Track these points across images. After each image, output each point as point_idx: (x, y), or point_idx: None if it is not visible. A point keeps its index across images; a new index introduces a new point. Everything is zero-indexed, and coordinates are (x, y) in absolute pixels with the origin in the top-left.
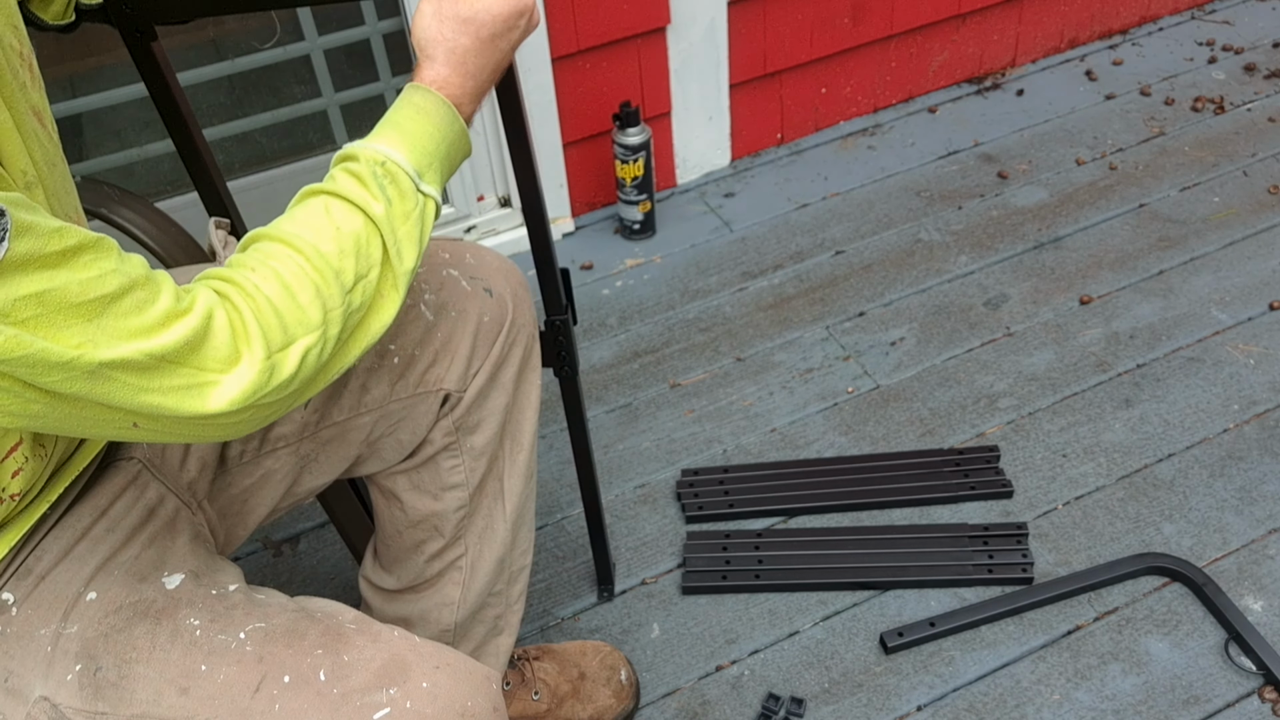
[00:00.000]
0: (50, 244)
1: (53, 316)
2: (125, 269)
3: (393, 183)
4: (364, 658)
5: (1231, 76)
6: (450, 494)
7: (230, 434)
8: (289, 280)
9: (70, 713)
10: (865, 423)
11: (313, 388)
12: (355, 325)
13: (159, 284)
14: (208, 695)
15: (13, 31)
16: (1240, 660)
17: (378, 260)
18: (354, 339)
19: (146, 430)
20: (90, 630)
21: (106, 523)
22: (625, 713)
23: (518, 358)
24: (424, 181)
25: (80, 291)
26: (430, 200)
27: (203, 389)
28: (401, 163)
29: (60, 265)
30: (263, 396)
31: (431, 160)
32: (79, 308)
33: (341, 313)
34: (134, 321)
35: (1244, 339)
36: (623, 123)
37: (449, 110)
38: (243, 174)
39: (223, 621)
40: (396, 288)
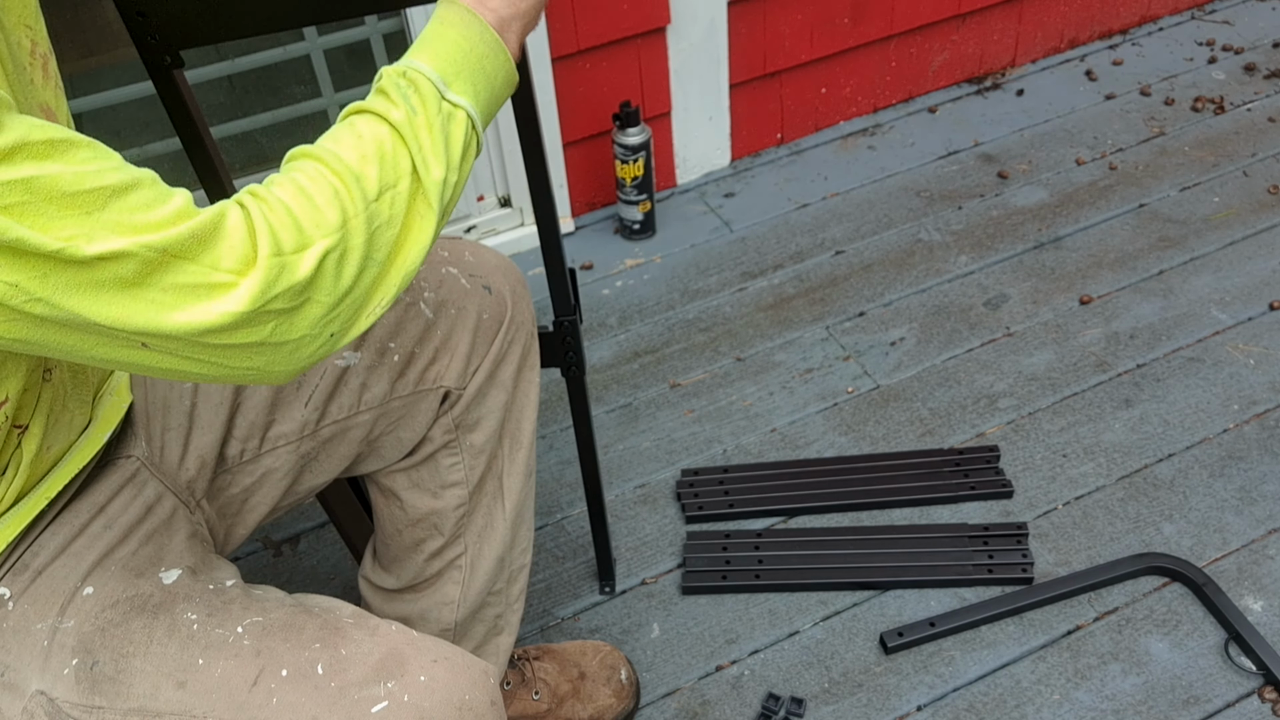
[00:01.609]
0: (34, 134)
1: (42, 205)
2: (130, 170)
3: (415, 90)
4: (361, 651)
5: (1231, 76)
6: (450, 492)
7: (253, 361)
8: (305, 184)
9: (67, 707)
10: (865, 423)
11: (349, 311)
12: (393, 244)
13: (172, 191)
14: (205, 689)
15: (24, 30)
16: (1240, 660)
17: (406, 171)
18: (395, 259)
19: (159, 350)
20: (87, 625)
21: (104, 519)
22: (625, 712)
23: (517, 355)
24: (450, 90)
25: (75, 181)
26: (460, 110)
27: (212, 290)
28: (423, 69)
29: (49, 155)
30: (272, 299)
31: (459, 69)
32: (74, 198)
33: (365, 220)
34: (139, 217)
35: (1244, 339)
36: (623, 123)
37: (474, 18)
38: (243, 174)
39: (220, 616)
40: (430, 206)
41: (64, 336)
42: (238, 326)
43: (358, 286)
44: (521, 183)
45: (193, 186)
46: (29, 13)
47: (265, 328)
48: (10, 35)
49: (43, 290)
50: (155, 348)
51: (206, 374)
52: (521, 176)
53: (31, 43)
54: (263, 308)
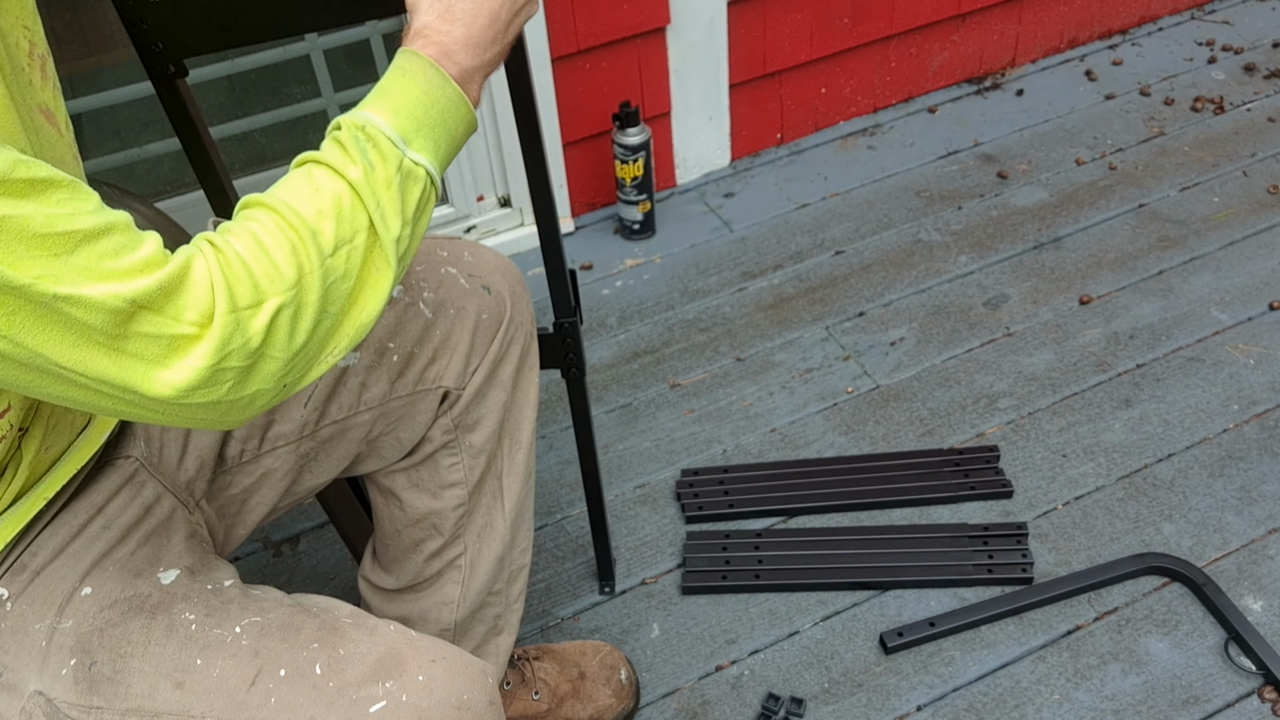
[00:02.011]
0: (16, 171)
1: (12, 244)
2: (105, 214)
3: (374, 147)
4: (360, 651)
5: (1231, 76)
6: (449, 492)
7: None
8: (262, 237)
9: (65, 707)
10: (865, 423)
11: (301, 367)
12: (347, 298)
13: (143, 236)
14: (203, 689)
15: (23, 31)
16: (1240, 660)
17: (363, 227)
18: (346, 317)
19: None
20: (85, 625)
21: (102, 520)
22: (625, 712)
23: (516, 355)
24: (410, 148)
25: (47, 223)
26: (419, 167)
27: (174, 343)
28: (382, 127)
29: (27, 195)
30: (227, 356)
31: (419, 125)
32: (44, 240)
33: (320, 276)
34: (107, 264)
35: (1244, 339)
36: (622, 123)
37: (436, 72)
38: (243, 174)
39: (218, 616)
40: (387, 262)
41: (26, 376)
42: (196, 387)
43: (312, 341)
44: (521, 183)
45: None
46: (27, 13)
47: (222, 387)
48: (8, 36)
49: (7, 327)
50: (114, 397)
51: (163, 421)
52: (521, 176)
53: (30, 43)
54: (219, 365)
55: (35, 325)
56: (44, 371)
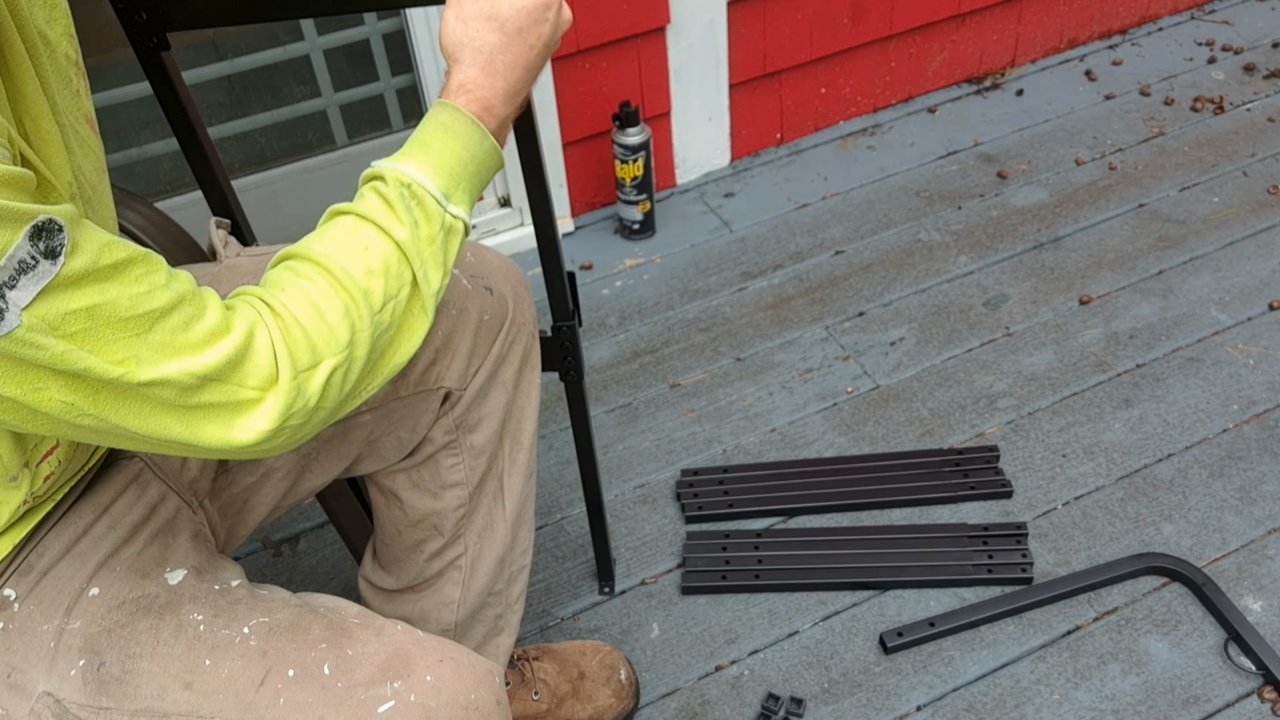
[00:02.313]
0: (103, 258)
1: (101, 330)
2: (173, 285)
3: (419, 205)
4: (368, 651)
5: (1231, 76)
6: (450, 492)
7: (258, 455)
8: (318, 301)
9: (74, 708)
10: (865, 423)
11: (341, 409)
12: (384, 346)
13: (205, 300)
14: (212, 689)
15: (69, 40)
16: (1240, 660)
17: (408, 282)
18: (382, 360)
19: (178, 453)
20: (93, 626)
21: (108, 520)
22: (625, 712)
23: (518, 356)
24: (451, 203)
25: (130, 306)
26: (458, 221)
27: (239, 408)
28: (427, 185)
29: (112, 279)
30: (290, 417)
31: (459, 181)
32: (127, 322)
33: (370, 334)
34: (180, 338)
35: (1243, 339)
36: (622, 123)
37: (476, 128)
38: (242, 174)
39: (226, 616)
40: (425, 310)
41: (98, 438)
42: (259, 444)
43: (356, 391)
44: (521, 182)
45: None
46: (69, 21)
47: (280, 439)
48: (57, 48)
49: (95, 408)
50: (178, 448)
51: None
52: (521, 176)
53: (76, 51)
54: (282, 425)
55: (119, 405)
56: (116, 435)
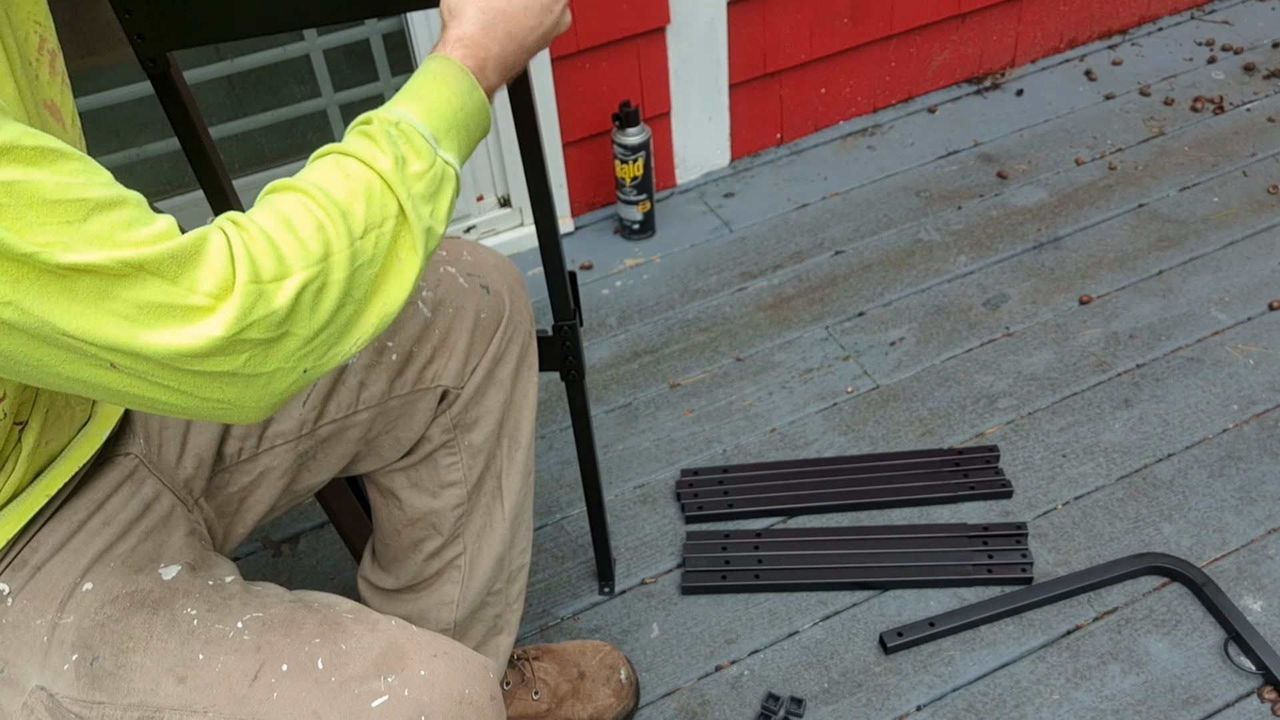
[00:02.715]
0: (25, 140)
1: (22, 209)
2: (118, 188)
3: (406, 141)
4: (362, 646)
5: (1231, 76)
6: (448, 492)
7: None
8: (288, 214)
9: (67, 702)
10: (865, 423)
11: (327, 348)
12: (372, 283)
13: (156, 214)
14: (205, 684)
15: (34, 26)
16: (1240, 660)
17: (393, 214)
18: (372, 299)
19: (127, 373)
20: (87, 620)
21: (103, 516)
22: (625, 712)
23: (515, 354)
24: (441, 147)
25: (58, 190)
26: (449, 166)
27: (188, 313)
28: (416, 125)
29: (37, 163)
30: (248, 327)
31: (449, 127)
32: (55, 206)
33: (348, 256)
34: (119, 234)
35: (1243, 339)
36: (622, 123)
37: (468, 79)
38: (243, 174)
39: (220, 611)
40: (415, 249)
41: (31, 348)
42: (212, 353)
43: (334, 322)
44: (521, 183)
45: (192, 187)
46: (39, 9)
47: (239, 357)
48: (18, 30)
49: (13, 294)
50: (124, 369)
51: (174, 403)
52: (521, 176)
53: (40, 39)
54: (238, 335)
55: (42, 292)
56: (52, 343)
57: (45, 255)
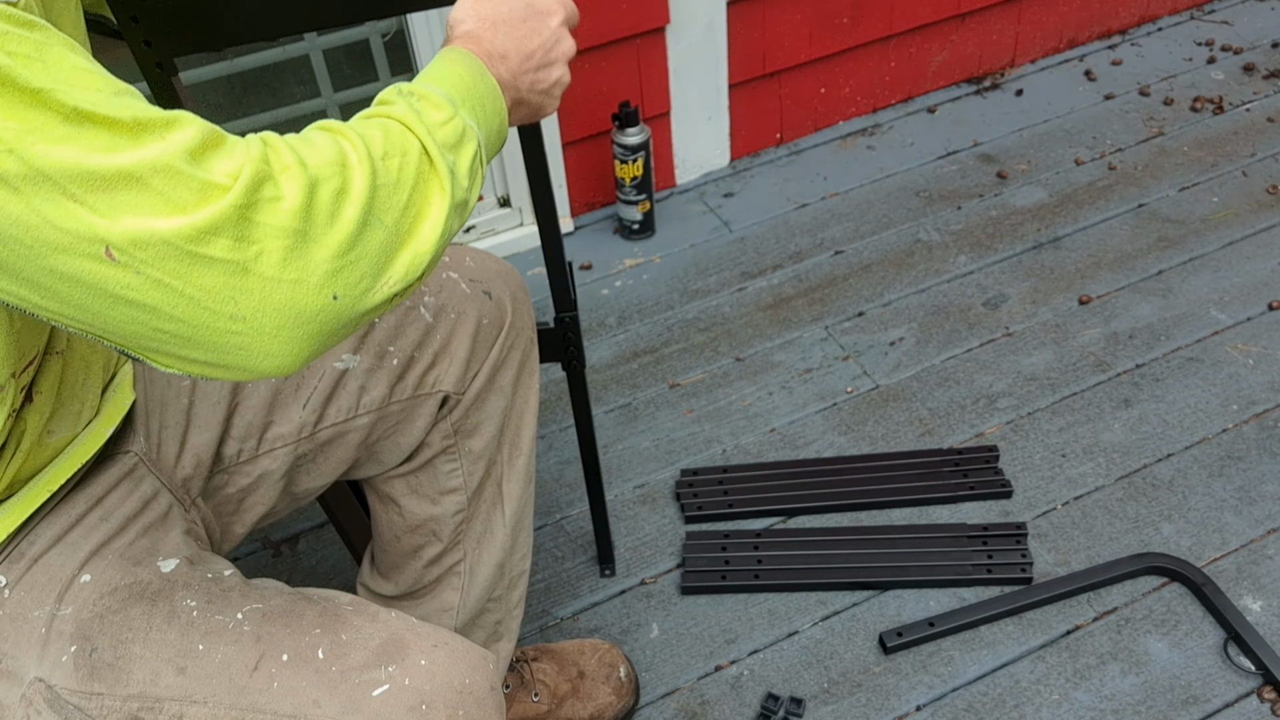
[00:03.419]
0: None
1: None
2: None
3: (420, 98)
4: (362, 636)
5: (1230, 76)
6: (448, 498)
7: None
8: (305, 134)
9: (66, 694)
10: (864, 423)
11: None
12: (402, 212)
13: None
14: (205, 674)
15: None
16: (1239, 660)
17: (414, 150)
18: (406, 236)
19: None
20: (85, 612)
21: (101, 511)
22: (625, 709)
23: (516, 361)
24: (460, 110)
25: (84, 63)
26: (470, 127)
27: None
28: (430, 88)
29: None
30: (256, 204)
31: (464, 96)
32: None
33: (369, 169)
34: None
35: (1243, 339)
36: (622, 123)
37: (478, 65)
38: None
39: (220, 603)
40: (443, 190)
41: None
42: (218, 229)
43: (362, 242)
44: (520, 183)
45: None
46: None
47: (251, 246)
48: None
49: (17, 140)
50: (121, 258)
51: (179, 314)
52: (520, 176)
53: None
54: (246, 211)
55: (47, 138)
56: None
57: (57, 93)
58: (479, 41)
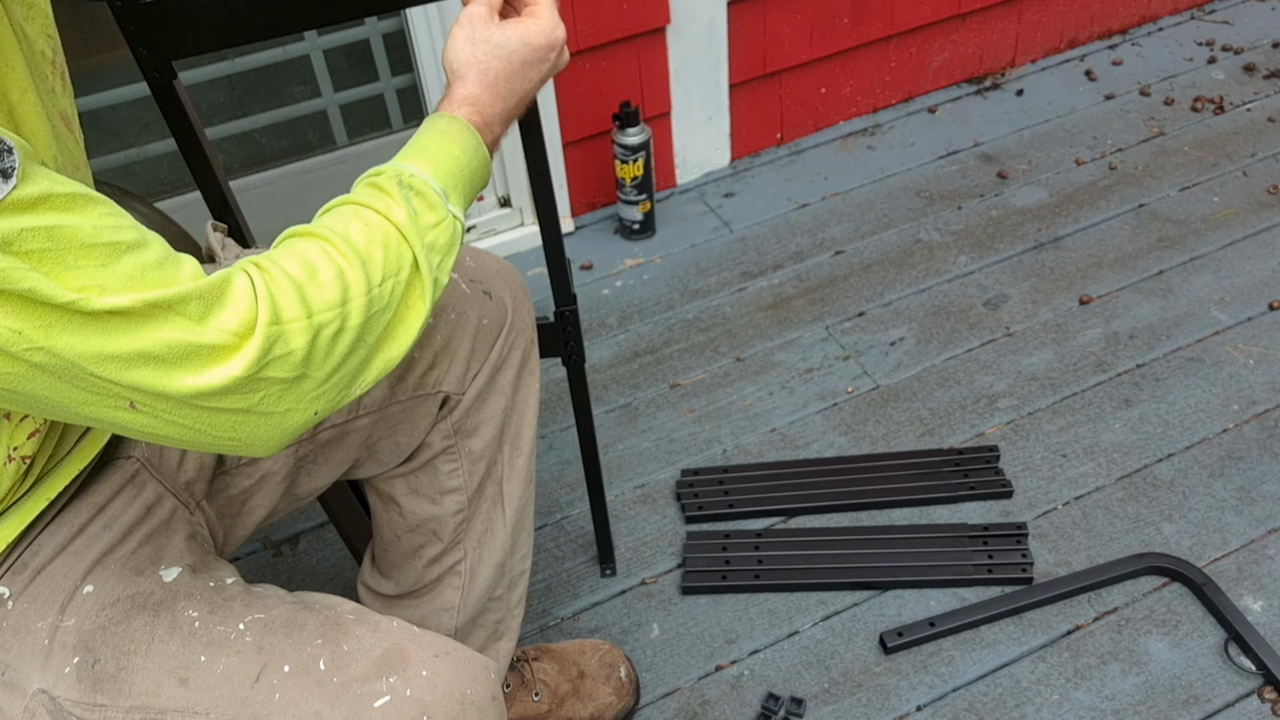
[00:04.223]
0: (58, 188)
1: (62, 253)
2: (143, 230)
3: (418, 195)
4: (363, 647)
5: (1231, 76)
6: (449, 498)
7: (236, 431)
8: (310, 259)
9: (69, 705)
10: (865, 423)
11: (335, 394)
12: (385, 329)
13: (180, 254)
14: (207, 685)
15: (46, 39)
16: (1240, 660)
17: (408, 263)
18: (381, 347)
19: (145, 413)
20: (88, 623)
21: (104, 519)
22: (626, 709)
23: (516, 361)
24: (449, 201)
25: (94, 234)
26: (458, 221)
27: (214, 352)
28: (427, 180)
29: (71, 209)
30: (267, 365)
31: (456, 183)
32: (92, 250)
33: (366, 302)
34: (150, 274)
35: (1244, 339)
36: (622, 123)
37: (474, 136)
38: (242, 174)
39: (221, 613)
40: (424, 298)
41: (56, 390)
42: (231, 391)
43: (345, 365)
44: (521, 183)
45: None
46: (49, 23)
47: (255, 395)
48: (34, 44)
49: (46, 340)
50: (143, 409)
51: (185, 439)
52: (520, 176)
53: (52, 51)
54: (258, 374)
55: (75, 336)
56: (77, 384)
57: (82, 303)
58: (479, 109)
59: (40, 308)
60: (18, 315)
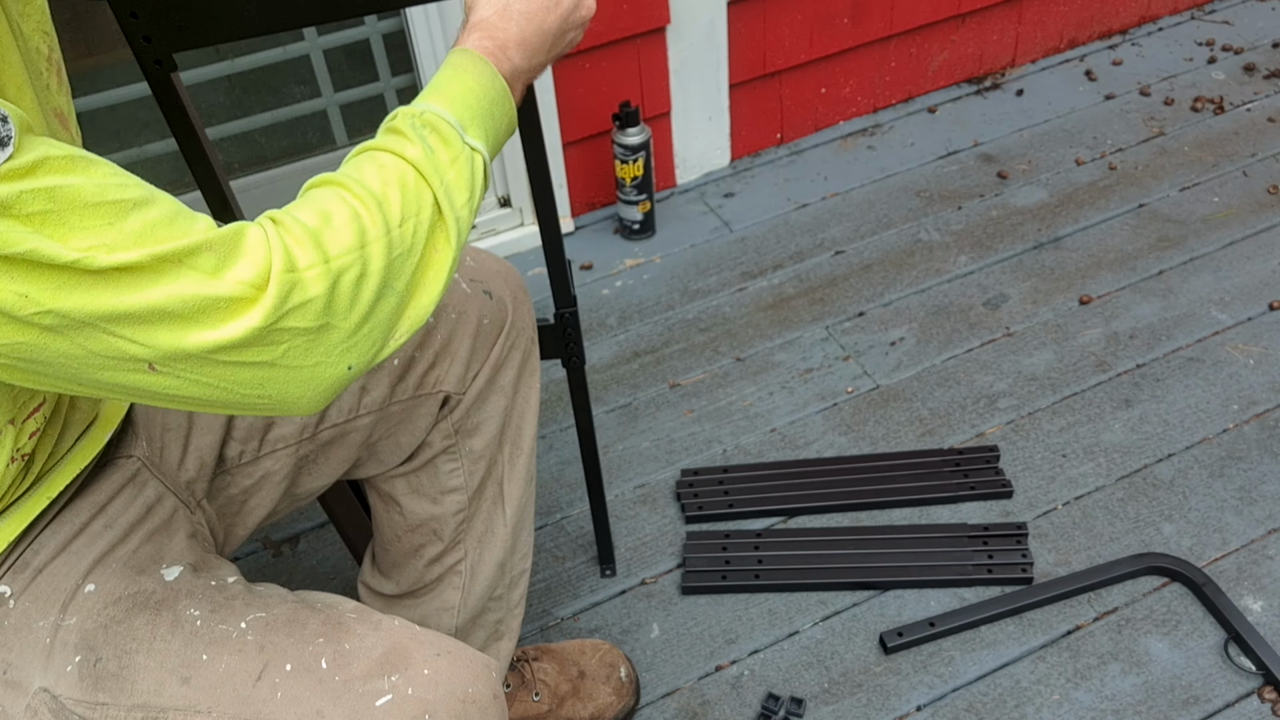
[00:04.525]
0: (56, 150)
1: (65, 214)
2: (153, 190)
3: (432, 131)
4: (365, 645)
5: (1231, 76)
6: (449, 497)
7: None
8: (325, 206)
9: (71, 704)
10: (865, 423)
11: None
12: (411, 276)
13: (193, 213)
14: (209, 684)
15: (42, 36)
16: (1240, 660)
17: (429, 203)
18: (413, 297)
19: (166, 373)
20: (89, 622)
21: (104, 519)
22: (626, 709)
23: (517, 360)
24: (468, 134)
25: (98, 192)
26: (478, 153)
27: (230, 305)
28: (441, 112)
29: (73, 170)
30: (287, 314)
31: (474, 115)
32: (97, 208)
33: (385, 245)
34: (160, 230)
35: (1244, 339)
36: (622, 123)
37: (488, 67)
38: (242, 174)
39: (223, 612)
40: (449, 241)
41: (71, 355)
42: (250, 343)
43: (375, 314)
44: (520, 183)
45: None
46: (46, 20)
47: (278, 348)
48: (30, 41)
49: (54, 302)
50: (164, 370)
51: (213, 399)
52: (520, 176)
53: (48, 48)
54: (276, 324)
55: (84, 295)
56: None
57: (87, 261)
58: (492, 33)
59: (44, 269)
60: (23, 278)
